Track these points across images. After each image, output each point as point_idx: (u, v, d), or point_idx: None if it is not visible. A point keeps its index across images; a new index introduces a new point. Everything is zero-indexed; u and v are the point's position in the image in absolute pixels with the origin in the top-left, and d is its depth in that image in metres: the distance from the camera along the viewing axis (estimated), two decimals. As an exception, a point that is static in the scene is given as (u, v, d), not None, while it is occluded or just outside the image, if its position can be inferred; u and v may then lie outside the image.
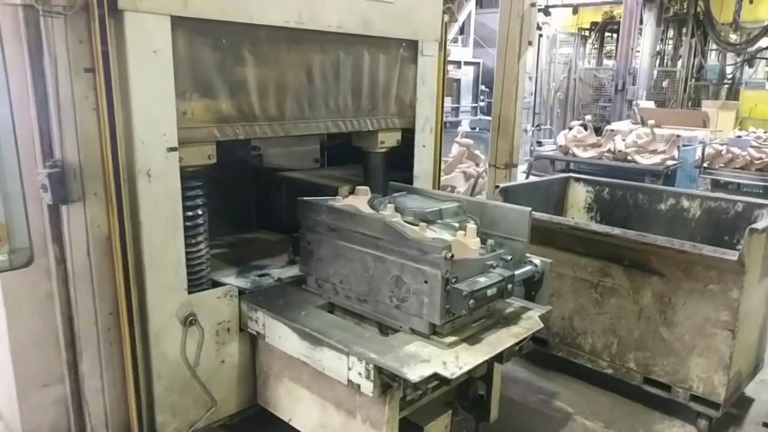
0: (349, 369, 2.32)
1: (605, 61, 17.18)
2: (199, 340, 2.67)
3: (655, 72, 14.76)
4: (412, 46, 3.41)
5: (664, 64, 15.77)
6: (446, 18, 3.54)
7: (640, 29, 13.28)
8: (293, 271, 3.13)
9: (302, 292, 2.88)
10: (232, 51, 2.62)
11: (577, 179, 4.54)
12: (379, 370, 2.24)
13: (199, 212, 2.70)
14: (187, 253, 2.60)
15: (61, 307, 2.47)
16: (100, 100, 2.23)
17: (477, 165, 6.64)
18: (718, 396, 3.13)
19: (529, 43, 4.35)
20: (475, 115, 12.02)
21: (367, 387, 2.27)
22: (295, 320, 2.57)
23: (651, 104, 12.72)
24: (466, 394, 2.99)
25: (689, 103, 15.18)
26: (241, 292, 2.83)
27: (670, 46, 16.08)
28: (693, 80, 15.63)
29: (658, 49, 14.66)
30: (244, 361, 2.90)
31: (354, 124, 3.21)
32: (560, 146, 8.27)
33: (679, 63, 15.66)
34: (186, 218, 2.59)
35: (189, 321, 2.62)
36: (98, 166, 2.31)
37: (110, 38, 2.19)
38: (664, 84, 15.36)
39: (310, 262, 2.85)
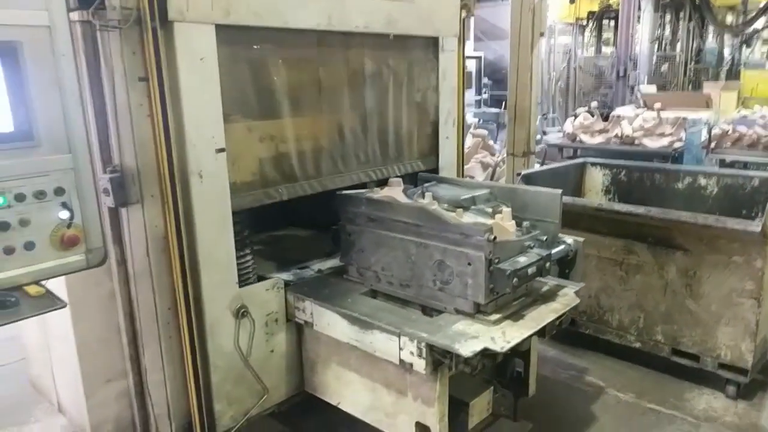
0: (401, 349, 2.45)
1: (603, 49, 17.29)
2: (251, 331, 2.81)
3: (655, 57, 14.86)
4: (433, 43, 3.55)
5: (663, 49, 15.87)
6: (464, 13, 3.66)
7: (639, 16, 13.37)
8: (332, 262, 3.26)
9: (344, 282, 3.01)
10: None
11: (594, 164, 4.65)
12: (431, 348, 2.36)
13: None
14: (236, 249, 2.74)
15: (123, 305, 2.61)
16: (154, 107, 2.35)
17: (492, 155, 6.76)
18: (746, 362, 3.26)
19: (541, 34, 4.48)
20: (479, 107, 12.14)
21: (420, 365, 2.40)
22: (343, 307, 2.70)
23: (653, 88, 12.81)
24: (505, 372, 3.12)
25: (690, 86, 15.30)
26: (286, 284, 2.96)
27: (668, 31, 16.19)
28: (693, 63, 15.74)
29: (656, 34, 14.77)
30: (291, 350, 3.03)
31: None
32: (568, 133, 8.39)
33: (678, 47, 15.78)
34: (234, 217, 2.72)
35: (241, 313, 2.75)
36: (154, 169, 2.43)
37: (162, 48, 2.32)
38: (664, 68, 15.47)
39: (351, 252, 2.98)
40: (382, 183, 3.28)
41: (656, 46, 14.94)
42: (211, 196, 2.58)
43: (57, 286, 2.21)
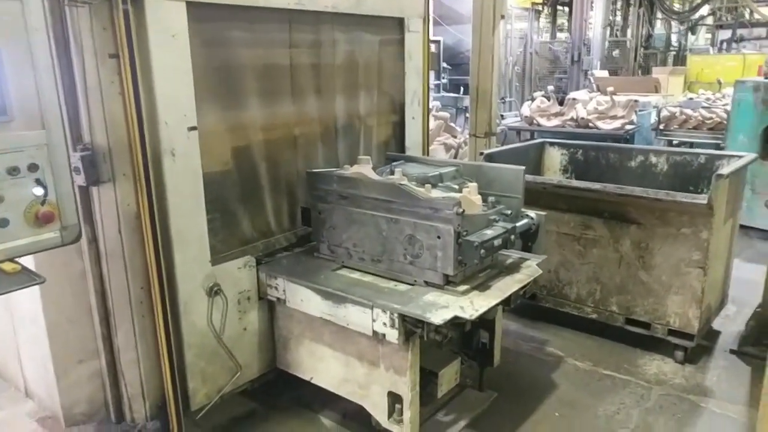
0: (374, 321, 2.54)
1: (558, 34, 17.67)
2: (224, 309, 2.84)
3: (607, 42, 15.30)
4: (399, 23, 3.61)
5: (615, 35, 16.36)
6: (428, -6, 3.73)
7: (592, 2, 13.72)
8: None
9: (316, 259, 3.07)
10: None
11: (552, 143, 4.82)
12: (403, 319, 2.46)
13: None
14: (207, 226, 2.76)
15: (94, 285, 2.61)
16: (125, 84, 2.34)
17: (454, 137, 6.89)
18: (693, 328, 3.49)
19: (502, 17, 4.59)
20: (438, 92, 12.23)
21: (392, 335, 2.49)
22: (317, 282, 2.76)
23: (605, 73, 13.23)
24: (471, 343, 3.26)
25: (639, 71, 15.84)
26: (258, 263, 3.00)
27: (620, 17, 16.68)
28: (642, 49, 16.28)
29: (608, 20, 15.20)
30: (263, 327, 3.08)
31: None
32: (525, 117, 8.58)
33: (629, 32, 16.28)
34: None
35: (214, 291, 2.78)
36: (126, 147, 2.43)
37: (132, 25, 2.30)
38: (615, 53, 15.95)
39: (322, 230, 3.04)
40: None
41: (608, 31, 15.38)
42: (184, 174, 2.59)
43: (26, 265, 2.19)
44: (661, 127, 7.88)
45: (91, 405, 2.80)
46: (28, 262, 2.17)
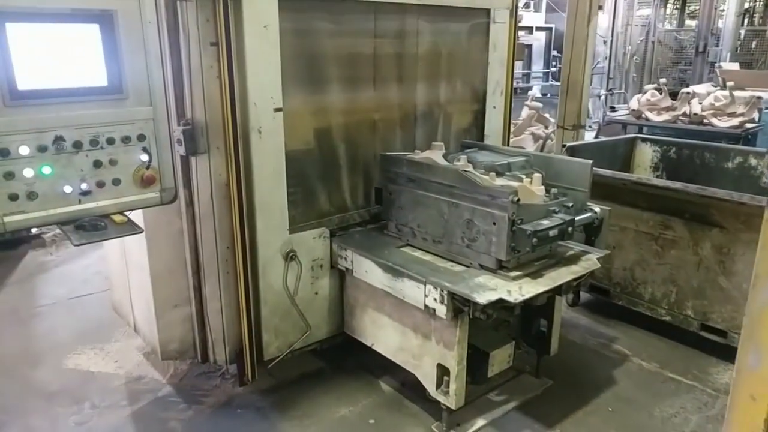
0: (426, 296, 2.73)
1: (687, 22, 16.36)
2: (298, 274, 3.16)
3: (743, 32, 13.96)
4: (485, 14, 3.70)
5: (754, 23, 14.85)
6: (519, -15, 3.77)
7: (727, -13, 12.60)
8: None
9: (384, 236, 3.30)
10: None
11: (644, 139, 4.67)
12: (452, 296, 2.62)
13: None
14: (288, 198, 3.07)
15: (189, 242, 3.02)
16: (222, 69, 2.68)
17: (546, 127, 6.78)
18: (773, 341, 3.31)
19: (600, 7, 4.48)
20: (547, 81, 11.93)
21: (441, 311, 2.67)
22: (380, 257, 3.00)
23: (735, 66, 12.12)
24: (529, 330, 3.34)
25: (782, 64, 14.29)
26: (332, 235, 3.28)
27: (761, 3, 15.09)
28: (785, 39, 14.64)
29: (746, 6, 13.84)
30: (333, 294, 3.37)
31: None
32: (633, 110, 8.18)
33: (771, 21, 14.70)
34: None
35: (290, 256, 3.10)
36: (219, 124, 2.77)
37: (231, 17, 2.63)
38: (753, 44, 14.50)
39: (391, 209, 3.26)
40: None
41: (745, 19, 14.01)
42: (269, 150, 2.91)
43: (136, 221, 2.61)
44: (789, 127, 7.19)
45: (182, 344, 3.24)
46: (138, 218, 2.60)
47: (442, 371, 2.86)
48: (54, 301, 4.54)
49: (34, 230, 5.44)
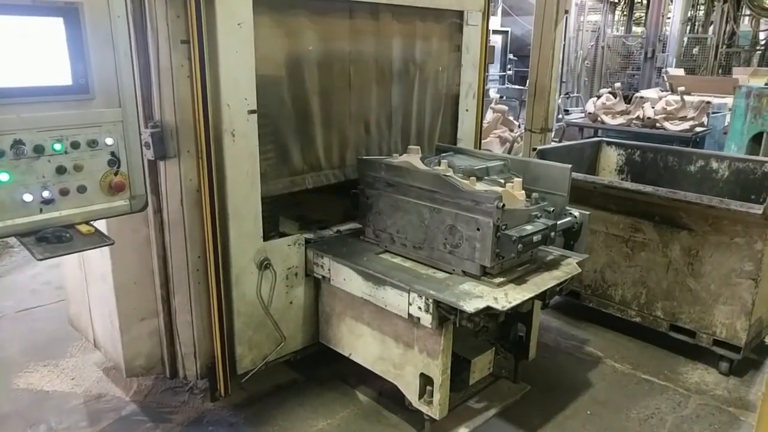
0: (410, 304, 2.65)
1: (634, 29, 16.98)
2: (272, 283, 3.03)
3: (686, 39, 14.59)
4: (458, 16, 3.66)
5: (695, 31, 15.55)
6: (490, -12, 3.75)
7: (672, -5, 13.13)
8: (350, 224, 3.46)
9: (361, 242, 3.21)
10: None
11: (609, 143, 4.75)
12: (438, 305, 2.56)
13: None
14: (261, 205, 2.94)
15: (157, 251, 2.85)
16: (193, 68, 2.53)
17: (511, 130, 6.84)
18: (740, 340, 3.41)
19: (566, 12, 4.53)
20: (503, 83, 12.09)
21: (426, 319, 2.60)
22: (359, 264, 2.90)
23: (681, 72, 12.64)
24: (507, 335, 3.32)
25: (720, 71, 15.01)
26: (307, 242, 3.17)
27: (702, 12, 15.82)
28: (724, 47, 15.40)
29: (689, 15, 14.46)
30: (308, 303, 3.25)
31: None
32: (589, 113, 8.39)
33: (711, 29, 15.43)
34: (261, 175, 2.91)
35: (264, 265, 2.97)
36: (191, 126, 2.62)
37: (203, 13, 2.48)
38: (695, 51, 15.18)
39: (369, 215, 3.17)
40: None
41: (688, 27, 14.65)
42: (242, 154, 2.77)
43: (99, 229, 2.43)
44: (734, 131, 7.49)
45: (150, 360, 3.06)
46: (101, 226, 2.42)
47: (426, 380, 2.80)
48: (0, 314, 4.22)
49: (-25, 238, 5.06)
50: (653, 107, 8.04)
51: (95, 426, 3.02)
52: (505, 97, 11.58)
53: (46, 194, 2.01)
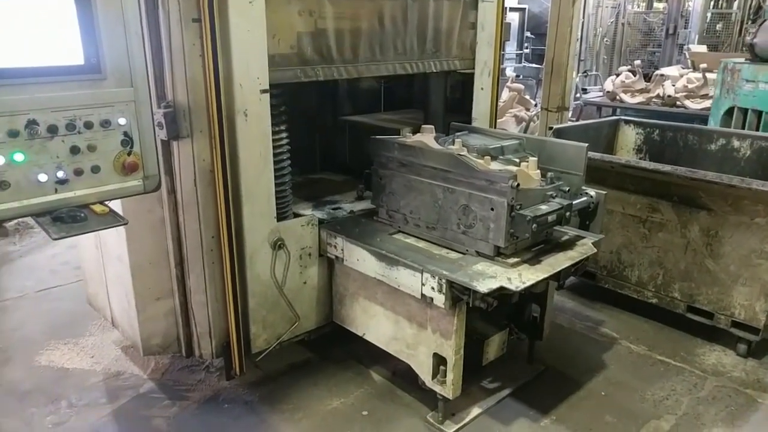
0: (423, 285, 2.64)
1: (655, 4, 16.53)
2: (286, 263, 3.03)
3: (709, 14, 14.18)
4: (473, -9, 3.58)
5: (719, 6, 15.09)
6: (506, -37, 3.66)
7: (695, -31, 12.74)
8: (363, 205, 3.46)
9: (374, 223, 3.20)
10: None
11: (627, 121, 4.66)
12: (451, 285, 2.55)
13: (284, 151, 3.02)
14: (275, 185, 2.93)
15: (171, 231, 2.86)
16: (205, 47, 2.51)
17: (527, 109, 6.75)
18: (759, 321, 3.36)
19: (584, -13, 4.43)
20: (520, 62, 11.90)
21: (440, 300, 2.59)
22: (372, 244, 2.90)
23: (703, 48, 12.32)
24: (522, 316, 3.30)
25: (743, 48, 14.60)
26: (320, 222, 3.17)
27: (727, -14, 15.33)
28: (749, 22, 14.94)
29: (713, -11, 14.05)
30: (322, 283, 3.26)
31: (419, 65, 3.44)
32: (607, 92, 8.26)
33: (735, 4, 14.97)
34: (273, 156, 2.90)
35: (278, 245, 2.98)
36: (203, 106, 2.61)
37: (214, -10, 2.45)
38: (718, 27, 14.77)
39: (382, 195, 3.15)
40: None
41: (712, 2, 14.23)
42: (255, 134, 2.76)
43: (114, 209, 2.44)
44: (758, 109, 7.32)
45: (165, 339, 3.10)
46: (117, 207, 2.43)
47: (439, 360, 2.80)
48: (21, 293, 4.31)
49: (-5, 219, 5.15)
50: (674, 85, 7.89)
51: (114, 403, 3.08)
52: (521, 76, 11.42)
53: (60, 174, 2.01)
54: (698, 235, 3.52)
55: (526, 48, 13.05)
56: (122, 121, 2.11)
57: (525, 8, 12.55)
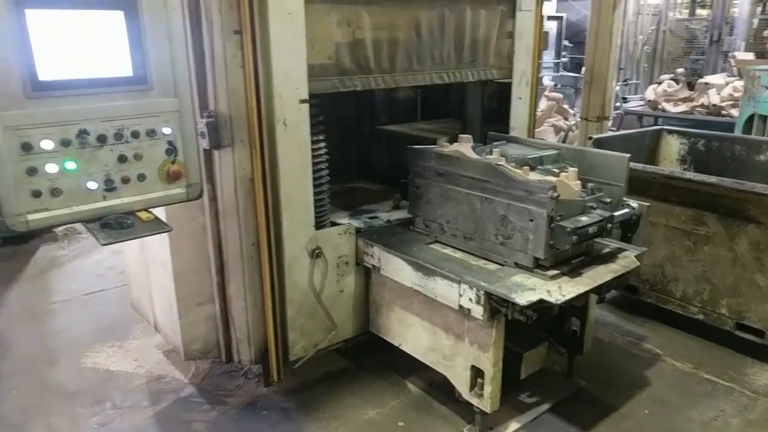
0: (460, 296, 2.62)
1: (698, 11, 16.12)
2: (324, 271, 3.05)
3: (756, 20, 13.74)
4: (511, 1, 3.56)
5: (767, 12, 14.61)
6: (545, -28, 3.63)
7: (741, -26, 12.38)
8: (399, 214, 3.45)
9: (411, 232, 3.19)
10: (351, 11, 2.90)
11: (670, 131, 4.54)
12: (489, 296, 2.52)
13: (322, 160, 3.05)
14: (313, 194, 2.96)
15: (213, 239, 2.92)
16: (246, 58, 2.56)
17: (566, 119, 6.65)
18: (813, 340, 3.21)
19: (626, -5, 4.35)
20: (557, 71, 11.75)
21: (477, 311, 2.56)
22: (409, 254, 2.89)
23: (750, 55, 11.94)
24: (562, 330, 3.23)
25: (796, 55, 14.06)
26: (357, 231, 3.18)
27: (775, -8, 14.82)
28: (799, 28, 14.40)
29: (760, -6, 13.61)
30: (359, 292, 3.26)
31: (456, 75, 3.43)
32: (649, 101, 8.08)
33: (785, 9, 14.45)
34: (312, 165, 2.93)
35: (316, 254, 3.00)
36: (244, 116, 2.66)
37: (255, 3, 2.51)
38: (765, 33, 14.28)
39: (419, 204, 3.15)
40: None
41: (759, 8, 13.77)
42: (294, 143, 2.80)
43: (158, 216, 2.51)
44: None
45: (206, 344, 3.15)
46: (160, 214, 2.50)
47: (476, 373, 2.76)
48: (68, 297, 4.46)
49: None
50: (719, 93, 7.66)
51: (156, 406, 3.15)
52: (559, 85, 11.27)
53: (109, 182, 2.08)
54: (747, 249, 3.39)
55: (564, 57, 12.88)
56: (167, 130, 2.18)
57: (563, 16, 12.41)
